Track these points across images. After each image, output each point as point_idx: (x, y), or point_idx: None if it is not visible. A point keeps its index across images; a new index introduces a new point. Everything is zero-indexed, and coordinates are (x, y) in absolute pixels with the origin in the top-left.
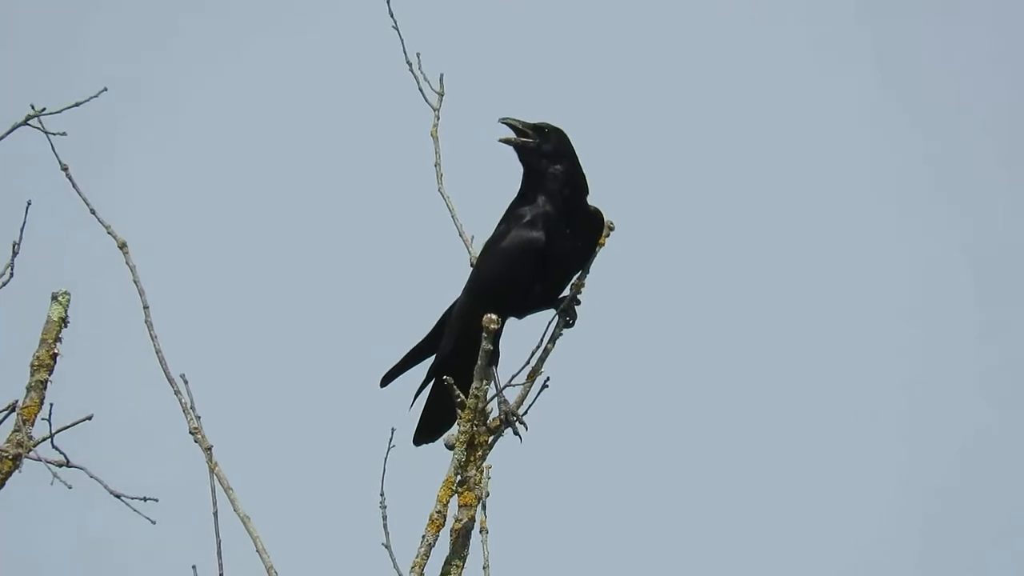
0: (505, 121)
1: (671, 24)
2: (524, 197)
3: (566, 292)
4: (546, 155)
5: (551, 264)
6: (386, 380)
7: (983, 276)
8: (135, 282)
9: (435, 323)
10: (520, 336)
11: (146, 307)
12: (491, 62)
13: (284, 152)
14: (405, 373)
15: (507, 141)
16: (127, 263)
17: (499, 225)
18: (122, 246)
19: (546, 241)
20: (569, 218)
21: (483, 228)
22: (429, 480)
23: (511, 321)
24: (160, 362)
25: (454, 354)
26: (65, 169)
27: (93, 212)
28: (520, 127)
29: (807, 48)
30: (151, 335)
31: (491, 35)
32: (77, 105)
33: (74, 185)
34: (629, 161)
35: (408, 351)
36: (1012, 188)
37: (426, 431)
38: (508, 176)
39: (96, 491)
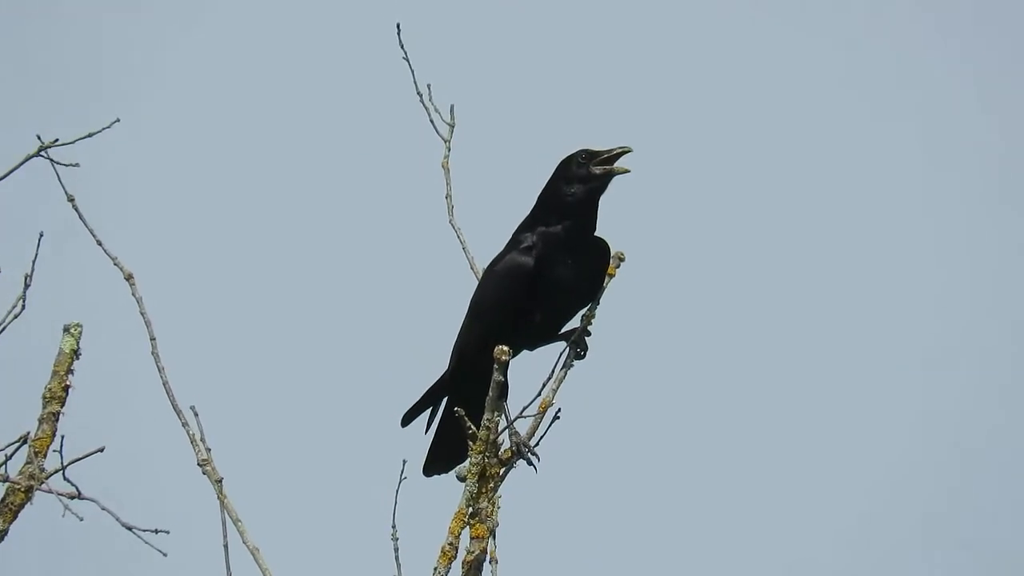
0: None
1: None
2: (535, 219)
3: (576, 323)
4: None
5: (550, 291)
6: (407, 420)
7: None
8: (142, 314)
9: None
10: (531, 367)
11: (153, 339)
12: (502, 93)
13: (295, 185)
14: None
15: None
16: (133, 294)
17: (503, 249)
18: (128, 277)
19: (541, 266)
20: (576, 245)
21: None
22: (441, 512)
23: (522, 353)
24: (168, 394)
25: (458, 377)
26: (71, 200)
27: (100, 243)
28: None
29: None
30: (158, 367)
31: (502, 66)
32: (90, 136)
33: (80, 217)
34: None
35: (427, 390)
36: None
37: (437, 462)
38: (520, 207)
39: (108, 523)
